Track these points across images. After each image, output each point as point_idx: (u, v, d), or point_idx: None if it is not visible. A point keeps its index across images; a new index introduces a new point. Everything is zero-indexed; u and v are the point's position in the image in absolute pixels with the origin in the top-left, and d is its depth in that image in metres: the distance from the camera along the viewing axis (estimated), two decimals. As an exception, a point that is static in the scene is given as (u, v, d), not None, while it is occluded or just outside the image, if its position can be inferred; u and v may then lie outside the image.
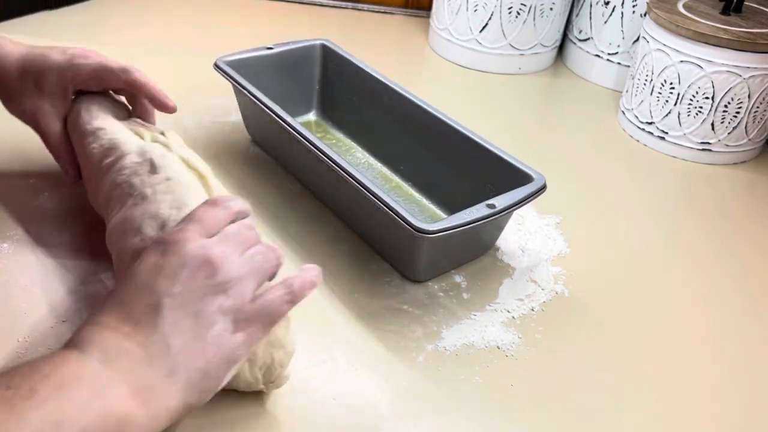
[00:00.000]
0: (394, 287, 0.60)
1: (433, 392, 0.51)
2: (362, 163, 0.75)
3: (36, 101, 0.59)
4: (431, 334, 0.56)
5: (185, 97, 0.83)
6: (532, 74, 1.03)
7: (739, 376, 0.56)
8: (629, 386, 0.54)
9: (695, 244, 0.71)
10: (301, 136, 0.63)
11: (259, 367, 0.45)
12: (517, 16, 0.97)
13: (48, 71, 0.58)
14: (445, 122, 0.68)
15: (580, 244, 0.68)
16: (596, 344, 0.57)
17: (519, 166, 0.62)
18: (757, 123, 0.84)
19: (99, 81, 0.60)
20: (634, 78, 0.88)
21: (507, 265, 0.64)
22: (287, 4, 1.15)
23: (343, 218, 0.67)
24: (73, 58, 0.59)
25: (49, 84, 0.59)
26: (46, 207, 0.63)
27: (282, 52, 0.78)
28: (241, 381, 0.46)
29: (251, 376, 0.46)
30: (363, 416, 0.48)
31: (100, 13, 1.04)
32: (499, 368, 0.54)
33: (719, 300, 0.64)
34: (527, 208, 0.70)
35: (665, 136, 0.86)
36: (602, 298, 0.62)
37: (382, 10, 1.17)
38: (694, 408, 0.53)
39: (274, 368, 0.46)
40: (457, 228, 0.54)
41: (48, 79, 0.59)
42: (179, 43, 0.99)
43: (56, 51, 0.60)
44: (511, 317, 0.58)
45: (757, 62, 0.78)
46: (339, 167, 0.59)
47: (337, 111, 0.81)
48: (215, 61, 0.72)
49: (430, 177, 0.70)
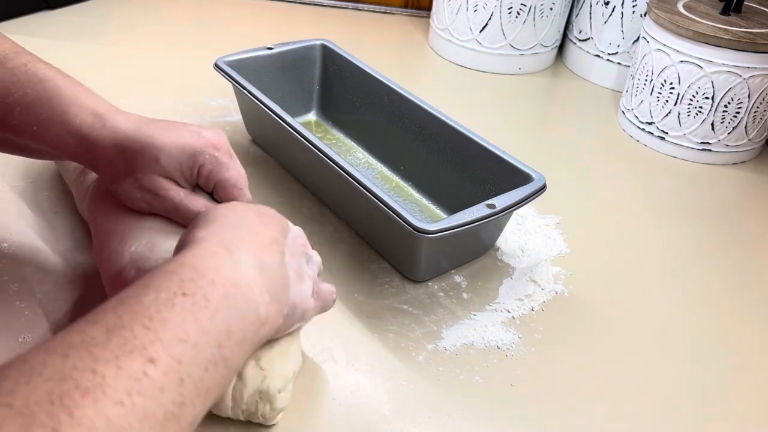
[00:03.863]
0: (394, 287, 0.60)
1: (433, 392, 0.51)
2: (362, 163, 0.75)
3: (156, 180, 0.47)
4: (431, 334, 0.56)
5: (185, 97, 0.83)
6: (532, 74, 1.03)
7: (739, 375, 0.56)
8: (629, 386, 0.54)
9: (695, 244, 0.71)
10: (301, 136, 0.63)
11: (241, 410, 0.45)
12: (517, 16, 0.97)
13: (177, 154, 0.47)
14: (445, 122, 0.68)
15: (580, 244, 0.68)
16: (596, 344, 0.57)
17: (519, 166, 0.62)
18: (757, 123, 0.84)
19: (218, 191, 0.50)
20: (634, 78, 0.88)
21: (507, 265, 0.64)
22: (287, 4, 1.15)
23: (343, 218, 0.67)
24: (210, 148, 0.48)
25: (174, 169, 0.47)
26: (46, 207, 0.63)
27: (282, 52, 0.78)
28: (221, 411, 0.45)
29: (233, 415, 0.45)
30: (363, 416, 0.48)
31: (100, 13, 1.04)
32: (499, 368, 0.54)
33: (719, 300, 0.64)
34: (527, 208, 0.71)
35: (665, 136, 0.86)
36: (602, 298, 0.62)
37: (382, 10, 1.18)
38: (695, 407, 0.53)
39: (256, 417, 0.45)
40: (457, 228, 0.54)
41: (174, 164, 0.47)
42: (179, 43, 0.99)
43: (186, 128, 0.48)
44: (511, 317, 0.58)
45: (757, 62, 0.78)
46: (339, 167, 0.59)
47: (337, 111, 0.81)
48: (215, 61, 0.73)
49: (430, 177, 0.70)
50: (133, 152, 0.46)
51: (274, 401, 0.45)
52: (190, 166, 0.48)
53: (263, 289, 0.38)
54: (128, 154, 0.46)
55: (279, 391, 0.45)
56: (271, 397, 0.44)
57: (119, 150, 0.46)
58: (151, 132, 0.47)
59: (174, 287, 0.33)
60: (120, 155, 0.46)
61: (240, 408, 0.45)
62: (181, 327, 0.31)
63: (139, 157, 0.46)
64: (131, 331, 0.30)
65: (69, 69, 0.50)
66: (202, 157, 0.47)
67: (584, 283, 0.63)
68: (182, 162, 0.47)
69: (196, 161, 0.47)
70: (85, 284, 0.56)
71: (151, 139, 0.46)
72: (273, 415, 0.45)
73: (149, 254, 0.46)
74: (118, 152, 0.46)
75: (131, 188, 0.48)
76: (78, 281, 0.56)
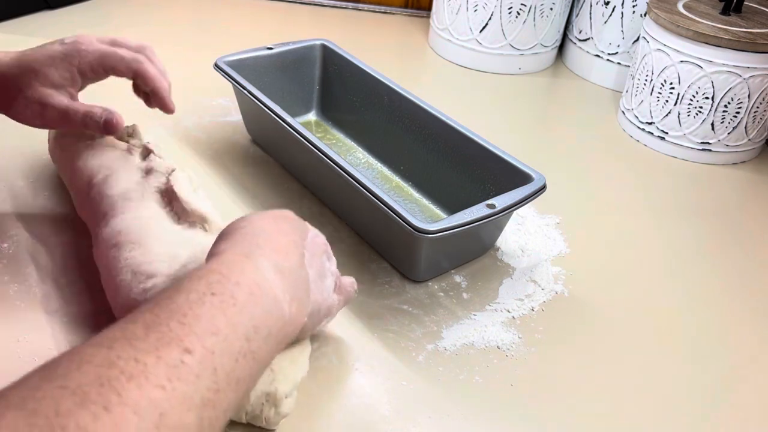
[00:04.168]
0: (394, 287, 0.60)
1: (433, 392, 0.51)
2: (362, 163, 0.75)
3: (40, 90, 0.55)
4: (431, 334, 0.56)
5: (185, 97, 0.83)
6: (532, 74, 1.03)
7: (739, 375, 0.56)
8: (629, 386, 0.54)
9: (695, 244, 0.71)
10: (301, 136, 0.63)
11: (246, 411, 0.45)
12: (517, 16, 0.97)
13: (50, 62, 0.55)
14: (445, 122, 0.68)
15: (580, 244, 0.68)
16: (596, 344, 0.57)
17: (519, 166, 0.62)
18: (757, 123, 0.84)
19: (106, 69, 0.57)
20: (634, 78, 0.88)
21: (507, 265, 0.64)
22: (287, 4, 1.15)
23: (343, 218, 0.67)
24: (75, 44, 0.56)
25: (53, 75, 0.55)
26: (46, 207, 0.63)
27: (282, 52, 0.78)
28: None
29: (235, 417, 0.45)
30: (363, 416, 0.48)
31: (100, 13, 1.04)
32: (499, 368, 0.54)
33: (719, 299, 0.64)
34: (527, 208, 0.71)
35: (665, 136, 0.86)
36: (602, 298, 0.62)
37: (382, 10, 1.18)
38: (694, 407, 0.53)
39: (259, 420, 0.45)
40: (457, 228, 0.54)
41: (51, 71, 0.55)
42: (179, 43, 0.99)
43: (53, 43, 0.56)
44: (511, 317, 0.58)
45: (757, 62, 0.78)
46: (339, 167, 0.59)
47: (337, 111, 0.81)
48: (215, 61, 0.73)
49: (430, 177, 0.70)
50: (14, 76, 0.54)
51: (279, 405, 0.45)
52: (67, 69, 0.55)
53: (285, 289, 0.40)
54: (9, 78, 0.54)
55: (285, 396, 0.45)
56: (277, 401, 0.44)
57: (2, 77, 0.55)
58: (26, 55, 0.55)
59: (203, 288, 0.36)
60: (4, 81, 0.55)
61: (245, 409, 0.45)
62: (212, 322, 0.34)
63: (20, 76, 0.54)
64: (167, 326, 0.33)
65: (69, 69, 0.50)
66: (75, 56, 0.55)
67: (584, 283, 0.63)
68: (58, 66, 0.54)
69: (71, 63, 0.55)
70: (85, 284, 0.56)
71: (26, 59, 0.55)
72: (276, 420, 0.45)
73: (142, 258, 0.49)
74: (3, 80, 0.55)
75: (22, 107, 0.55)
76: (78, 282, 0.56)
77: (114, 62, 0.56)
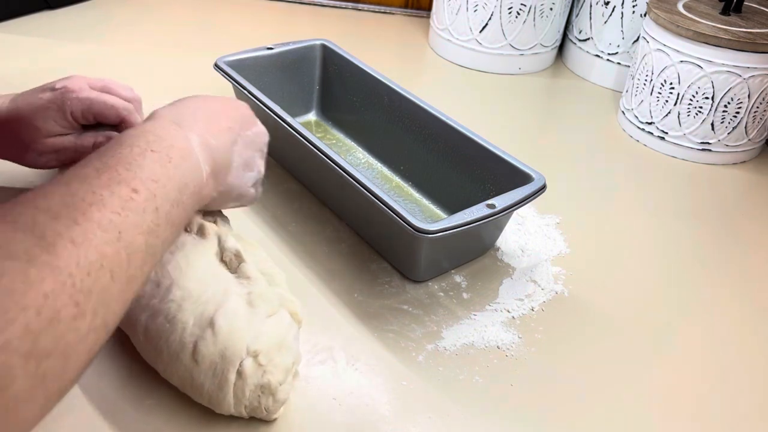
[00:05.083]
0: (394, 287, 0.60)
1: (433, 392, 0.51)
2: (362, 163, 0.75)
3: (45, 142, 0.57)
4: (431, 334, 0.56)
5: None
6: (532, 74, 1.03)
7: (739, 375, 0.56)
8: (629, 386, 0.54)
9: (695, 244, 0.71)
10: (301, 136, 0.63)
11: (244, 406, 0.45)
12: (517, 16, 0.97)
13: (45, 113, 0.56)
14: (445, 122, 0.68)
15: (580, 244, 0.68)
16: (596, 344, 0.57)
17: (519, 166, 0.62)
18: (757, 123, 0.84)
19: (96, 116, 0.57)
20: (634, 78, 0.88)
21: (507, 265, 0.64)
22: (287, 4, 1.15)
23: (343, 218, 0.67)
24: (65, 92, 0.56)
25: (52, 126, 0.56)
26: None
27: (282, 52, 0.78)
28: (224, 410, 0.45)
29: (236, 412, 0.45)
30: (363, 416, 0.48)
31: (100, 13, 1.04)
32: (499, 368, 0.54)
33: (719, 299, 0.64)
34: (527, 208, 0.71)
35: (665, 136, 0.86)
36: (602, 298, 0.62)
37: (382, 10, 1.18)
38: (695, 407, 0.53)
39: (260, 411, 0.46)
40: (457, 228, 0.54)
41: (49, 123, 0.56)
42: (179, 43, 0.99)
43: (45, 90, 0.57)
44: (511, 317, 0.58)
45: (757, 62, 0.78)
46: (339, 167, 0.59)
47: (337, 111, 0.81)
48: (215, 61, 0.73)
49: (430, 177, 0.70)
50: (14, 132, 0.57)
51: (276, 393, 0.45)
52: (63, 117, 0.56)
53: (206, 162, 0.45)
54: (10, 138, 0.57)
55: (280, 384, 0.45)
56: (273, 390, 0.45)
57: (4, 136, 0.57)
58: (20, 110, 0.56)
59: (143, 145, 0.41)
60: (7, 140, 0.57)
61: (243, 404, 0.45)
62: (153, 171, 0.39)
63: (20, 133, 0.56)
64: (116, 171, 0.38)
65: (69, 69, 0.50)
66: (66, 105, 0.56)
67: (584, 283, 0.63)
68: (55, 118, 0.56)
69: (64, 111, 0.56)
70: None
71: (21, 113, 0.56)
72: (276, 407, 0.46)
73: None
74: (5, 138, 0.57)
75: (35, 159, 0.58)
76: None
77: (103, 109, 0.57)
